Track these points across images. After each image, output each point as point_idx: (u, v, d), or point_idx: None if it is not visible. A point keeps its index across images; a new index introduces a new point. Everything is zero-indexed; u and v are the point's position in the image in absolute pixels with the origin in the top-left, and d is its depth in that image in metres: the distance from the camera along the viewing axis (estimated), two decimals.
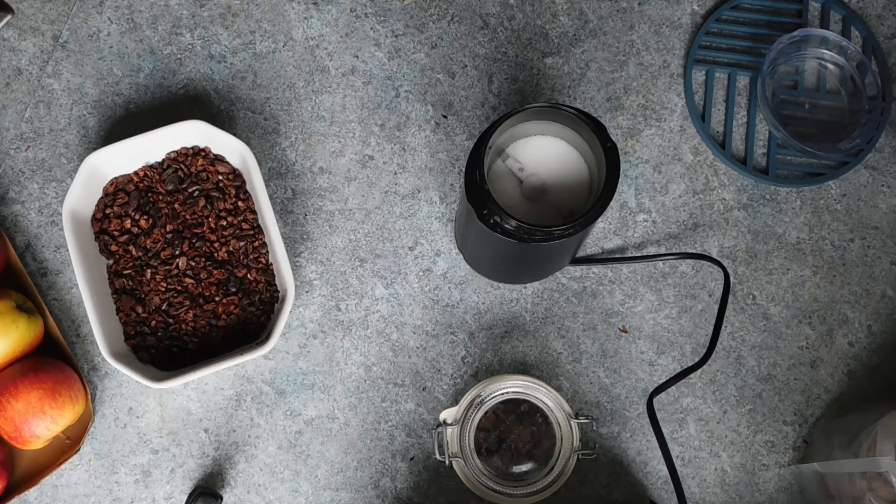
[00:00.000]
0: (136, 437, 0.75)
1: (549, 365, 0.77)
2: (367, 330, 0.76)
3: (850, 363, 0.78)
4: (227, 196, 0.75)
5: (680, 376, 0.70)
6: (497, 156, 0.66)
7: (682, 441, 0.76)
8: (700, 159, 0.80)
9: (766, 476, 0.76)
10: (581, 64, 0.81)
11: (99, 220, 0.74)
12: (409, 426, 0.75)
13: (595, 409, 0.76)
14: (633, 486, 0.75)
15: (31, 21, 0.80)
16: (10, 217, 0.77)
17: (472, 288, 0.77)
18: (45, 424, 0.69)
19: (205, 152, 0.75)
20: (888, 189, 0.80)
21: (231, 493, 0.74)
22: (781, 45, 0.78)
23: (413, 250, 0.78)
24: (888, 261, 0.79)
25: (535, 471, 0.70)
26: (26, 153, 0.78)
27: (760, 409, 0.77)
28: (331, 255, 0.78)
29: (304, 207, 0.78)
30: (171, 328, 0.73)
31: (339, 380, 0.76)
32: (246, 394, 0.75)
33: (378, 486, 0.75)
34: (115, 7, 0.80)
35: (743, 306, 0.78)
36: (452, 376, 0.76)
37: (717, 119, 0.81)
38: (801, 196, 0.80)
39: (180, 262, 0.73)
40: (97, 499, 0.74)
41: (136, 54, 0.80)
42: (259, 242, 0.74)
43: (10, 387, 0.69)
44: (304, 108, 0.80)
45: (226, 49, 0.80)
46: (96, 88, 0.79)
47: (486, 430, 0.71)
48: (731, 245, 0.79)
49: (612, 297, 0.78)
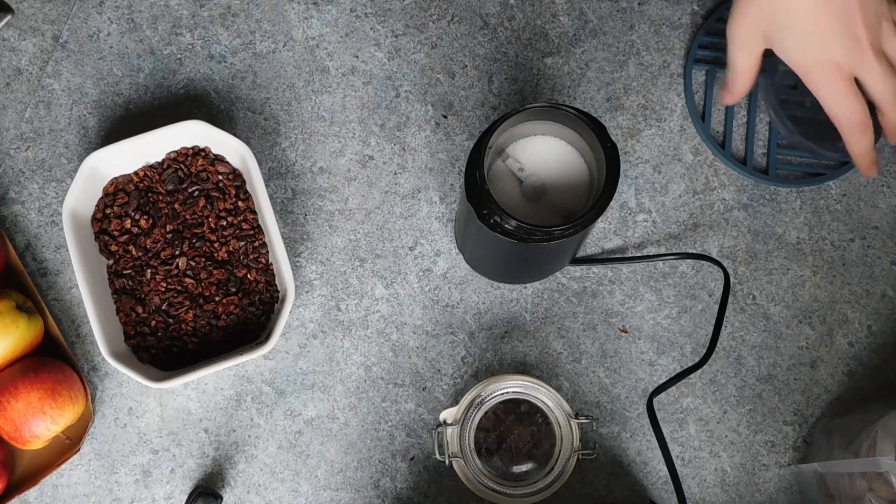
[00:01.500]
0: (136, 437, 0.75)
1: (549, 365, 0.77)
2: (367, 330, 0.76)
3: (850, 363, 0.78)
4: (227, 196, 0.75)
5: (680, 377, 0.70)
6: (497, 156, 0.66)
7: (682, 441, 0.76)
8: (700, 159, 0.80)
9: (766, 476, 0.76)
10: (581, 64, 0.81)
11: (99, 220, 0.74)
12: (409, 426, 0.75)
13: (595, 409, 0.76)
14: (633, 486, 0.75)
15: (31, 21, 0.80)
16: (10, 217, 0.77)
17: (472, 288, 0.77)
18: (45, 424, 0.69)
19: (205, 152, 0.75)
20: (888, 189, 0.80)
21: (231, 493, 0.74)
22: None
23: (413, 250, 0.78)
24: (888, 261, 0.79)
25: (535, 471, 0.70)
26: (26, 153, 0.78)
27: (760, 409, 0.77)
28: (331, 255, 0.78)
29: (304, 207, 0.78)
30: (171, 328, 0.73)
31: (339, 380, 0.76)
32: (246, 394, 0.75)
33: (378, 486, 0.75)
34: (115, 7, 0.80)
35: (743, 306, 0.78)
36: (452, 376, 0.76)
37: (717, 119, 0.81)
38: (801, 196, 0.80)
39: (180, 262, 0.73)
40: (97, 499, 0.74)
41: (136, 54, 0.80)
42: (259, 242, 0.74)
43: (10, 387, 0.69)
44: (304, 108, 0.80)
45: (226, 49, 0.80)
46: (96, 88, 0.79)
47: (486, 430, 0.71)
48: (731, 245, 0.79)
49: (612, 297, 0.78)
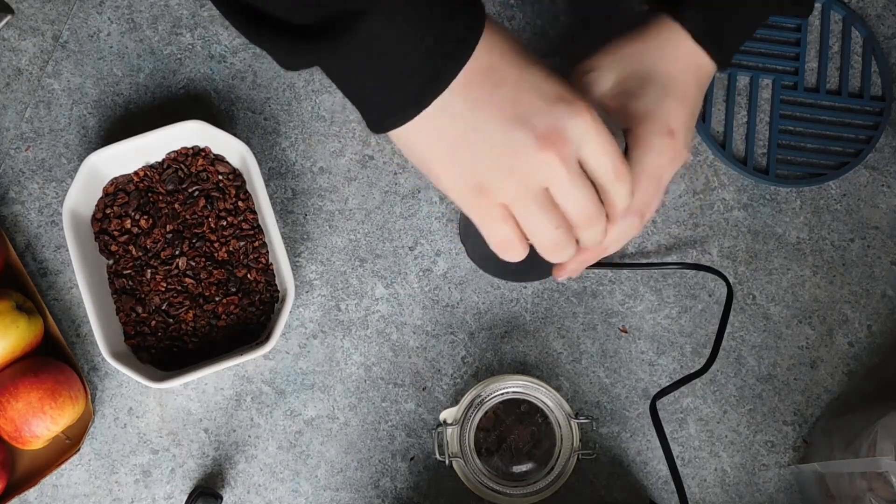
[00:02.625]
0: (136, 437, 0.75)
1: (549, 365, 0.77)
2: (367, 330, 0.76)
3: (850, 363, 0.78)
4: (227, 196, 0.75)
5: (683, 381, 0.71)
6: None
7: (682, 441, 0.76)
8: (700, 159, 0.80)
9: (766, 476, 0.76)
10: None
11: (99, 220, 0.74)
12: (409, 426, 0.75)
13: (595, 409, 0.76)
14: (633, 486, 0.75)
15: (31, 21, 0.80)
16: (10, 217, 0.77)
17: (472, 288, 0.77)
18: (45, 424, 0.69)
19: (205, 152, 0.75)
20: (888, 189, 0.80)
21: (231, 493, 0.74)
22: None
23: (413, 250, 0.78)
24: (888, 261, 0.79)
25: (535, 471, 0.70)
26: (26, 153, 0.78)
27: (760, 409, 0.77)
28: (331, 255, 0.78)
29: (304, 207, 0.78)
30: (171, 328, 0.73)
31: (339, 380, 0.76)
32: (246, 394, 0.75)
33: (378, 486, 0.75)
34: (115, 7, 0.80)
35: (743, 306, 0.78)
36: (452, 376, 0.76)
37: (717, 119, 0.81)
38: (801, 196, 0.80)
39: (180, 262, 0.73)
40: (97, 499, 0.74)
41: (136, 54, 0.80)
42: (259, 242, 0.74)
43: (10, 387, 0.69)
44: (304, 108, 0.80)
45: (226, 49, 0.80)
46: (96, 88, 0.79)
47: (486, 430, 0.71)
48: (731, 245, 0.79)
49: (612, 297, 0.78)
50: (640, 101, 0.58)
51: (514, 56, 0.50)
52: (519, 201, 0.51)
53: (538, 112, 0.49)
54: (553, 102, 0.49)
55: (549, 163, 0.49)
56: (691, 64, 0.59)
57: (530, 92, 0.50)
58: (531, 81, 0.50)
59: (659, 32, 0.60)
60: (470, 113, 0.49)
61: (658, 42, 0.59)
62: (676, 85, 0.58)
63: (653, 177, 0.56)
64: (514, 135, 0.49)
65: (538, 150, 0.49)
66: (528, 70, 0.50)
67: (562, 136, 0.49)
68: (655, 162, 0.56)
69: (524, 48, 0.51)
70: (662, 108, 0.57)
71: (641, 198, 0.56)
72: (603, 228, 0.53)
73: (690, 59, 0.59)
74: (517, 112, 0.49)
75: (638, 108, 0.58)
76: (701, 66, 0.59)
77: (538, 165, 0.49)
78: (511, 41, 0.51)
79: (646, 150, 0.56)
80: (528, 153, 0.49)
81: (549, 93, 0.50)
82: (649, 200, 0.57)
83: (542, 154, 0.49)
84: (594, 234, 0.53)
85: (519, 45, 0.51)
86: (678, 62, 0.59)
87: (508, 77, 0.49)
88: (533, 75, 0.50)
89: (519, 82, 0.50)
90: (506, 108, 0.49)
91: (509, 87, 0.49)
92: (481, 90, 0.49)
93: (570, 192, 0.51)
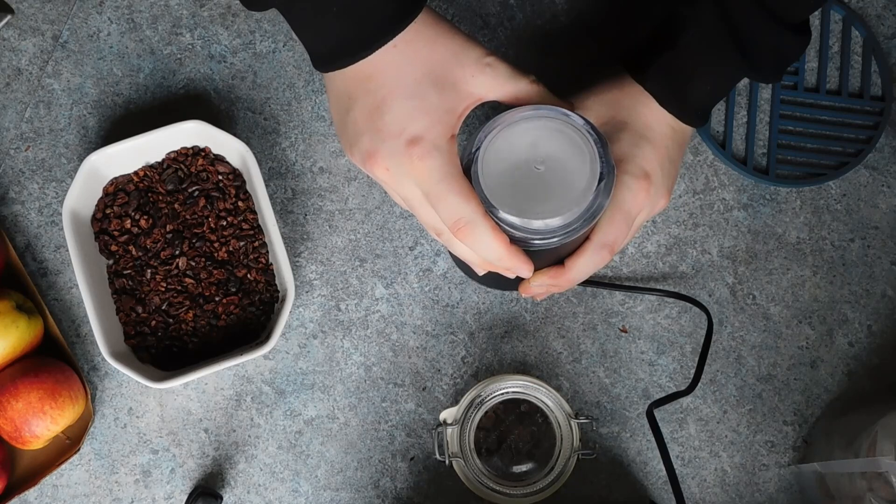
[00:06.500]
0: (136, 437, 0.75)
1: (549, 365, 0.77)
2: (367, 330, 0.76)
3: (850, 363, 0.78)
4: (227, 196, 0.75)
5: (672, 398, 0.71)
6: None
7: (682, 441, 0.76)
8: (700, 159, 0.80)
9: (766, 476, 0.76)
10: (581, 64, 0.81)
11: (99, 220, 0.74)
12: (409, 426, 0.75)
13: (595, 409, 0.76)
14: (633, 486, 0.75)
15: (31, 21, 0.80)
16: (10, 217, 0.77)
17: (472, 288, 0.77)
18: (45, 424, 0.69)
19: (205, 152, 0.75)
20: (888, 189, 0.80)
21: (231, 493, 0.74)
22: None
23: (413, 250, 0.78)
24: (888, 261, 0.79)
25: (535, 471, 0.70)
26: (26, 153, 0.78)
27: (760, 409, 0.77)
28: (331, 255, 0.78)
29: (304, 207, 0.78)
30: (171, 328, 0.73)
31: (339, 380, 0.76)
32: (246, 394, 0.75)
33: (378, 486, 0.75)
34: (115, 7, 0.80)
35: (743, 306, 0.78)
36: (452, 376, 0.76)
37: (717, 119, 0.81)
38: (801, 196, 0.80)
39: (180, 262, 0.73)
40: (97, 499, 0.74)
41: (136, 54, 0.80)
42: (259, 242, 0.74)
43: (10, 387, 0.69)
44: (304, 108, 0.80)
45: (226, 49, 0.80)
46: (96, 88, 0.79)
47: (486, 430, 0.71)
48: (731, 245, 0.79)
49: (612, 297, 0.78)
50: (616, 144, 0.61)
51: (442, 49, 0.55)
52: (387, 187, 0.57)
53: (380, 135, 0.54)
54: (395, 136, 0.54)
55: (378, 178, 0.56)
56: (662, 121, 0.62)
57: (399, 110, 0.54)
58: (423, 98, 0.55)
59: (633, 86, 0.63)
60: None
61: (632, 95, 0.62)
62: (653, 135, 0.61)
63: (624, 214, 0.59)
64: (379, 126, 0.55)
65: (367, 167, 0.56)
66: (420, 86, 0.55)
67: (381, 165, 0.55)
68: (628, 200, 0.59)
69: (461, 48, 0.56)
70: (637, 153, 0.60)
71: (612, 233, 0.59)
72: (466, 247, 0.57)
73: (661, 116, 0.62)
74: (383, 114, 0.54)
75: (615, 150, 0.60)
76: (671, 125, 0.62)
77: (374, 174, 0.56)
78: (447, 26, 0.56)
79: (619, 188, 0.59)
80: (363, 163, 0.56)
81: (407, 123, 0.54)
82: (618, 236, 0.59)
83: (368, 169, 0.56)
84: (461, 249, 0.57)
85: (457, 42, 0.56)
86: (651, 115, 0.62)
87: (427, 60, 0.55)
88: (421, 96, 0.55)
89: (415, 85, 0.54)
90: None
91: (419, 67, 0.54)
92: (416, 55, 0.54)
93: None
